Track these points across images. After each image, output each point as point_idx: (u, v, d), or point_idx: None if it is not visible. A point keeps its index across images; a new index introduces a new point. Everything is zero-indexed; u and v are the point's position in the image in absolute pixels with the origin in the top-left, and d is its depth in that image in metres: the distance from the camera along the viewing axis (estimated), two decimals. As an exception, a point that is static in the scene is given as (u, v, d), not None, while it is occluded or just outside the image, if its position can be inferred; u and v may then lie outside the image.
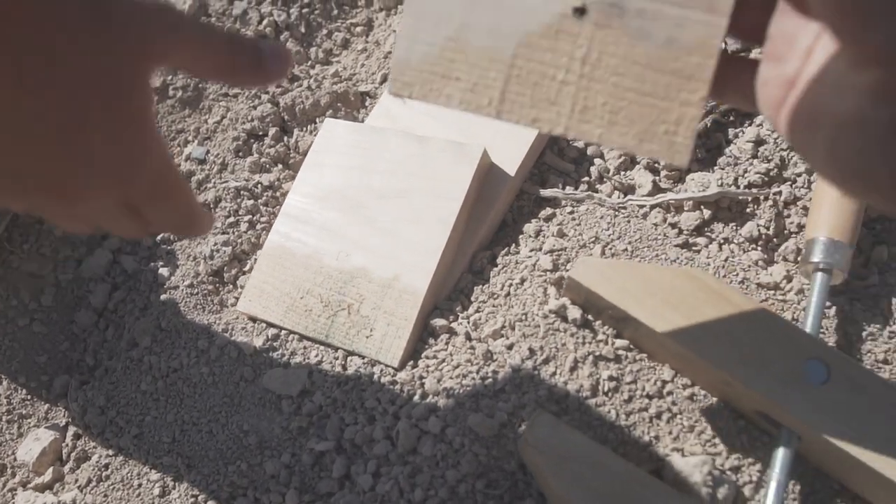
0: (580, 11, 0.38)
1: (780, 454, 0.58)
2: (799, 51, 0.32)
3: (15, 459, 0.73)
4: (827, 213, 0.66)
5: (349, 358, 0.68)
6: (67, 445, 0.73)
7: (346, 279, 0.70)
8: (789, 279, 0.70)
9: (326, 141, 0.78)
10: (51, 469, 0.71)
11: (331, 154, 0.77)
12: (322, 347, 0.70)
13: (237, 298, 0.77)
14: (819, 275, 0.64)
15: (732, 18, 0.36)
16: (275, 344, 0.71)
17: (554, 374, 0.62)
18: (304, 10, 0.97)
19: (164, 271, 0.80)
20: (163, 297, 0.78)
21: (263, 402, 0.68)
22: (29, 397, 0.77)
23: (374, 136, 0.76)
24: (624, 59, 0.38)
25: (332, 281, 0.71)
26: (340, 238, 0.72)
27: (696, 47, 0.36)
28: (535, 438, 0.55)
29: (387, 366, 0.66)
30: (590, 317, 0.65)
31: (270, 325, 0.72)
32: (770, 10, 0.33)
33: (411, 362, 0.66)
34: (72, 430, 0.74)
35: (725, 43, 0.39)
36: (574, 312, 0.64)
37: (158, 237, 0.82)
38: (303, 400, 0.67)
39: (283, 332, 0.71)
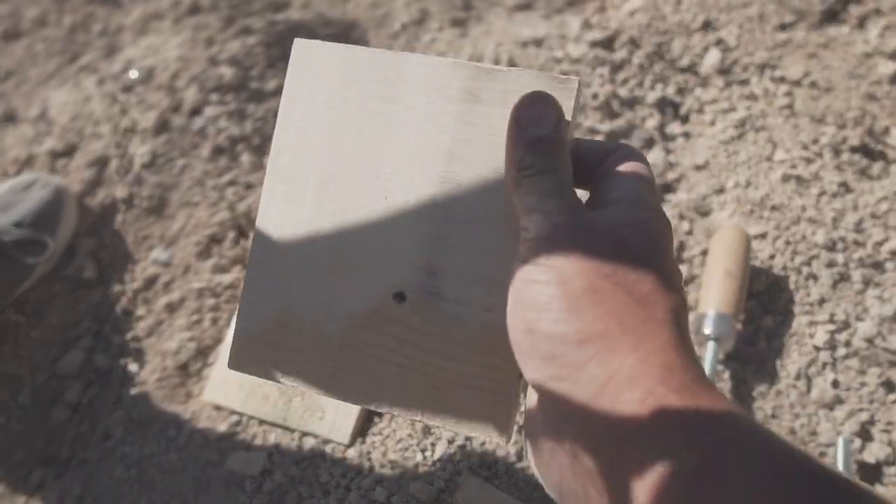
0: (400, 297, 0.41)
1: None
2: None
3: (-4, 550, 0.79)
4: (714, 291, 0.77)
5: (304, 438, 0.76)
6: (46, 534, 0.79)
7: None
8: (689, 349, 0.80)
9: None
10: (31, 557, 0.77)
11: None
12: (280, 430, 0.77)
13: (202, 389, 0.84)
14: (710, 344, 0.75)
15: None
16: (237, 429, 0.78)
17: (484, 443, 0.71)
18: (258, 124, 1.08)
19: (133, 367, 0.88)
20: (133, 391, 0.85)
21: (228, 483, 0.75)
22: (7, 491, 0.83)
23: None
24: (443, 342, 0.40)
25: None
26: None
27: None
28: (464, 499, 0.64)
29: (338, 443, 0.74)
30: (514, 391, 0.74)
31: (233, 412, 0.80)
32: None
33: (360, 439, 0.75)
34: (50, 519, 0.80)
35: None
36: (500, 387, 0.73)
37: (128, 335, 0.90)
38: (263, 479, 0.74)
39: (245, 417, 0.79)
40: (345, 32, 1.21)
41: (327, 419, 0.76)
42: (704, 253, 0.86)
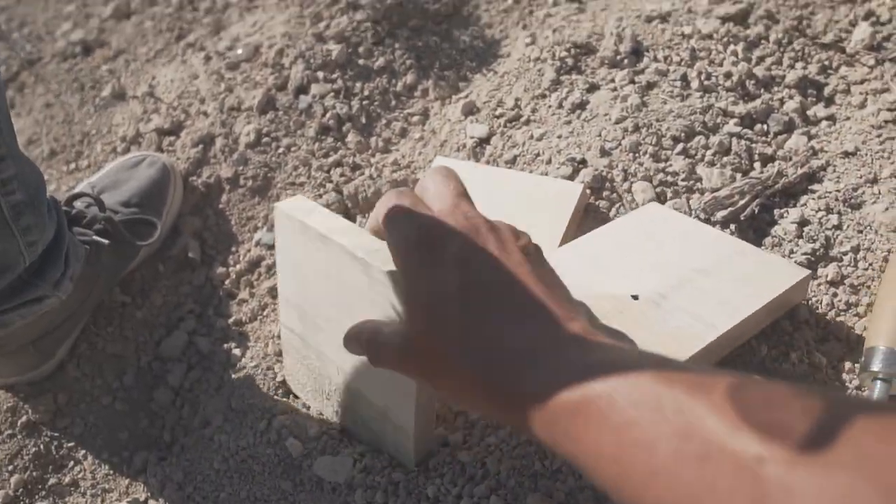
0: (635, 297, 0.66)
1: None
2: None
3: (99, 533, 0.78)
4: (888, 322, 0.67)
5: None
6: (148, 520, 0.77)
7: (354, 398, 0.69)
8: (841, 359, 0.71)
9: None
10: (132, 543, 0.76)
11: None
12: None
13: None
14: (878, 383, 0.65)
15: None
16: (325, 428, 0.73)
17: (609, 454, 0.64)
18: (365, 102, 1.03)
19: (236, 352, 0.85)
20: (234, 376, 0.83)
21: (321, 485, 0.71)
22: (111, 472, 0.82)
23: None
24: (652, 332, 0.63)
25: (344, 396, 0.71)
26: (333, 358, 0.71)
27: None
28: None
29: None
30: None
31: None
32: None
33: (471, 443, 0.69)
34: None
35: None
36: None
37: (230, 319, 0.88)
38: (355, 486, 0.69)
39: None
40: (455, 8, 1.15)
41: (389, 448, 0.69)
42: (856, 250, 0.77)
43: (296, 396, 0.78)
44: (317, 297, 0.66)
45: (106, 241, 0.81)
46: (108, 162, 1.03)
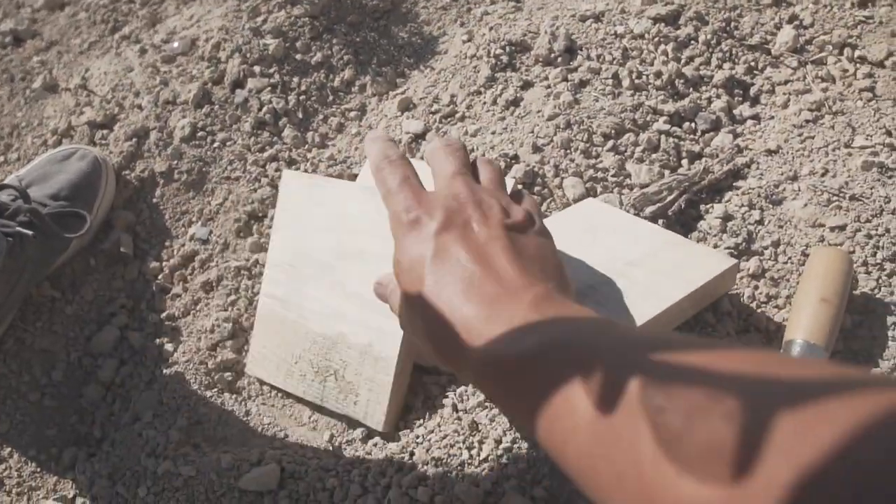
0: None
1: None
2: None
3: (24, 531, 0.77)
4: (805, 318, 0.70)
5: (347, 431, 0.72)
6: (75, 517, 0.76)
7: (330, 345, 0.73)
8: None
9: (289, 199, 0.78)
10: (59, 540, 0.74)
11: (297, 215, 0.78)
12: (305, 429, 0.73)
13: (235, 374, 0.81)
14: None
15: None
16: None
17: (532, 446, 0.66)
18: (301, 97, 1.03)
19: (169, 346, 0.84)
20: (166, 371, 0.82)
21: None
22: (38, 470, 0.80)
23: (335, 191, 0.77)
24: None
25: (318, 347, 0.74)
26: (318, 302, 0.75)
27: None
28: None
29: (373, 430, 0.70)
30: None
31: (274, 387, 0.77)
32: None
33: (403, 432, 0.70)
34: (80, 501, 0.77)
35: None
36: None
37: (163, 314, 0.87)
38: (290, 484, 0.70)
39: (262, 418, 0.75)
40: (394, 4, 1.15)
41: (361, 403, 0.71)
42: (776, 245, 0.80)
43: (260, 383, 0.78)
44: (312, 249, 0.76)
45: (30, 233, 0.79)
46: (38, 155, 1.01)
